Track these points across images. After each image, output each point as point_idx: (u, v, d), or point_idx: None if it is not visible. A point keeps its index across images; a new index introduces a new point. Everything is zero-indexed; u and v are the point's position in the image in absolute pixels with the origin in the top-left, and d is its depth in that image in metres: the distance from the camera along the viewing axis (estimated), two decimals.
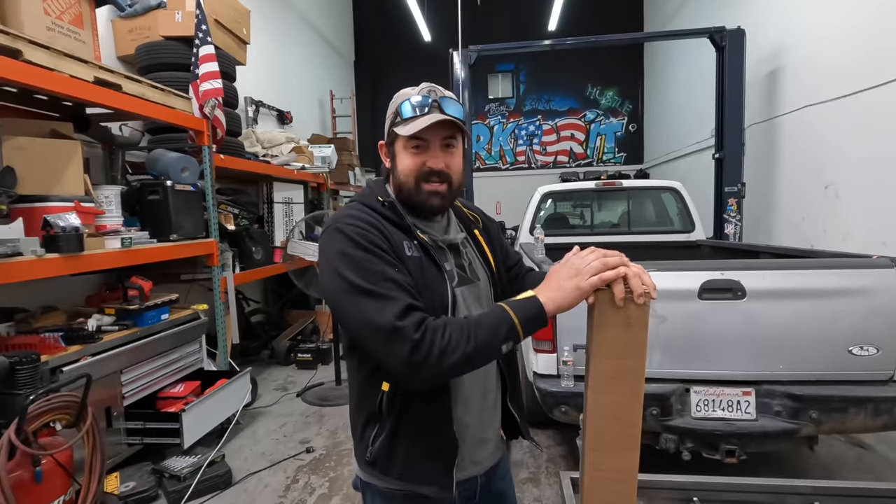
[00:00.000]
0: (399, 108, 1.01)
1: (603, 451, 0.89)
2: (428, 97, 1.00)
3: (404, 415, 1.01)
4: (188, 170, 3.25)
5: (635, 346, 0.84)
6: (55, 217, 2.20)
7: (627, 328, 0.83)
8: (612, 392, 0.86)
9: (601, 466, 0.90)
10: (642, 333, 0.84)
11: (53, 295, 2.86)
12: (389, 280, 0.90)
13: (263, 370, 4.68)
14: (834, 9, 4.15)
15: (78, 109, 2.92)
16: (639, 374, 0.85)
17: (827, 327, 2.10)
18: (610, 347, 0.85)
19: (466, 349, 0.84)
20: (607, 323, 0.84)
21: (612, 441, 0.88)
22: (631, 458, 0.89)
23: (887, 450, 2.82)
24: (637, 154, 10.20)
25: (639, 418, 0.87)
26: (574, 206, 6.14)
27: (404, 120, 1.00)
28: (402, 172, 1.03)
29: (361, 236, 0.94)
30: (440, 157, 1.01)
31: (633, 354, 0.84)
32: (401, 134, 0.99)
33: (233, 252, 3.91)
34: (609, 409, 0.87)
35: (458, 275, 1.06)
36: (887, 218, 3.57)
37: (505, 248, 1.24)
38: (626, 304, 0.83)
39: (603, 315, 0.85)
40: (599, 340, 0.85)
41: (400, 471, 1.02)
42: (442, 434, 1.01)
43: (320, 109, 8.37)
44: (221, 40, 3.97)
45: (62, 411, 1.97)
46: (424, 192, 1.02)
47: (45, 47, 2.20)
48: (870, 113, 3.73)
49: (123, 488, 2.43)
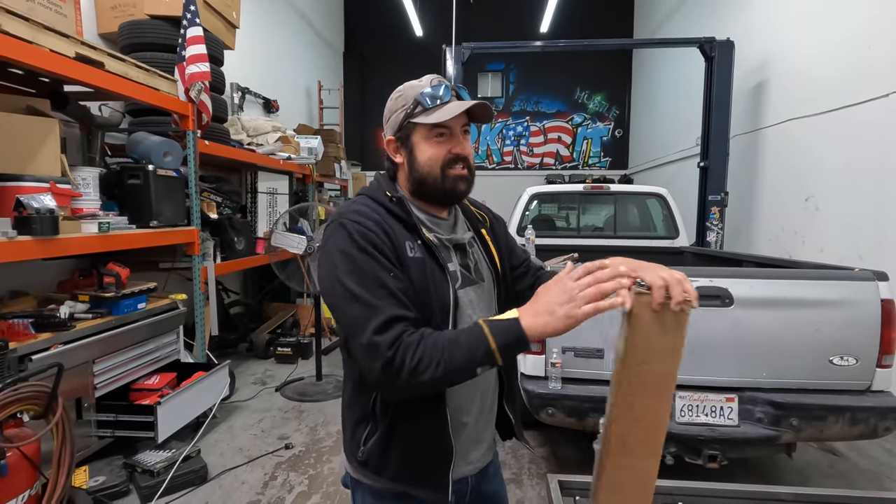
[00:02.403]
0: (419, 98, 0.99)
1: (623, 455, 0.87)
2: (445, 86, 1.00)
3: (399, 417, 0.98)
4: (171, 155, 3.14)
5: (670, 352, 0.83)
6: (28, 198, 2.10)
7: (664, 334, 0.82)
8: (640, 396, 0.85)
9: (619, 470, 0.88)
10: (678, 340, 0.82)
11: (23, 279, 2.73)
12: (381, 286, 0.89)
13: (241, 363, 4.58)
14: (821, 24, 4.25)
15: (56, 86, 2.79)
16: (670, 381, 0.84)
17: (809, 337, 2.14)
18: (643, 352, 0.83)
19: (436, 372, 0.83)
20: (643, 327, 0.83)
21: (635, 445, 0.87)
22: (652, 464, 0.87)
23: (857, 457, 2.90)
24: (622, 159, 10.32)
25: (665, 425, 0.86)
26: (560, 208, 6.18)
27: (427, 109, 0.98)
28: (427, 163, 1.01)
29: (363, 235, 0.93)
30: (462, 142, 1.02)
31: (666, 360, 0.83)
32: (428, 122, 0.98)
33: (214, 241, 3.81)
34: (636, 412, 0.85)
35: (462, 275, 1.05)
36: (864, 232, 3.67)
37: (511, 246, 1.22)
38: (663, 310, 0.81)
39: (639, 319, 0.83)
40: (633, 344, 0.84)
41: (393, 472, 1.00)
42: (438, 438, 0.99)
43: (307, 99, 8.24)
44: (210, 22, 3.86)
45: (30, 401, 1.87)
46: (451, 178, 1.01)
47: (25, 18, 2.09)
48: (852, 128, 3.82)
49: (93, 483, 2.33)
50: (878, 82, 3.55)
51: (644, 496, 0.89)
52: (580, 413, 2.21)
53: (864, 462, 2.86)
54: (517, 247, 1.25)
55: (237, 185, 4.89)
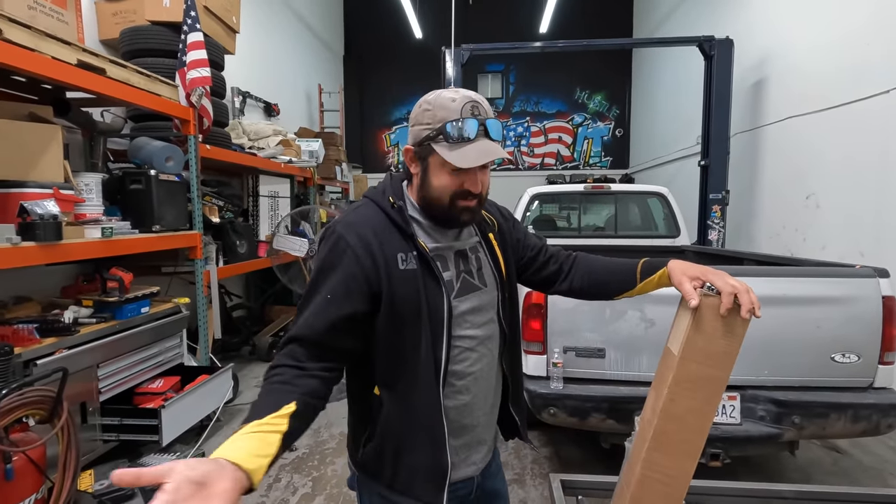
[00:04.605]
0: (446, 128, 0.93)
1: (662, 453, 0.88)
2: (475, 121, 0.93)
3: (395, 428, 0.99)
4: (173, 159, 3.16)
5: (726, 357, 0.85)
6: (32, 204, 2.11)
7: (724, 338, 0.85)
8: (689, 397, 0.86)
9: (656, 467, 0.89)
10: (735, 347, 0.85)
11: (27, 285, 2.75)
12: (312, 305, 0.92)
13: (244, 366, 4.60)
14: (819, 20, 4.25)
15: (58, 93, 2.81)
16: (720, 385, 0.86)
17: (811, 334, 2.14)
18: (700, 353, 0.85)
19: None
20: (706, 329, 0.85)
21: (676, 445, 0.88)
22: (689, 465, 0.88)
23: (861, 454, 2.90)
24: (623, 158, 10.32)
25: (707, 429, 0.87)
26: (561, 208, 6.18)
27: (451, 143, 0.93)
28: (437, 189, 0.98)
29: (337, 253, 0.95)
30: (478, 179, 0.98)
31: (721, 365, 0.85)
32: (448, 161, 0.93)
33: (216, 245, 3.82)
34: (681, 412, 0.87)
35: (462, 282, 1.04)
36: (866, 229, 3.67)
37: (523, 240, 1.21)
38: (729, 315, 0.84)
39: (703, 320, 0.86)
40: (691, 344, 0.86)
41: (389, 481, 1.01)
42: (433, 454, 0.99)
43: (308, 103, 8.26)
44: (210, 27, 3.88)
45: (36, 406, 1.89)
46: (458, 208, 0.99)
47: (26, 26, 2.11)
48: (853, 125, 3.82)
49: (98, 486, 2.34)
50: (878, 78, 3.55)
51: (675, 494, 0.89)
52: (582, 413, 2.21)
53: (867, 459, 2.85)
54: (530, 238, 1.24)
55: (239, 189, 4.91)
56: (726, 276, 0.90)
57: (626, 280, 1.13)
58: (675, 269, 1.02)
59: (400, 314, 0.96)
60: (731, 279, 0.89)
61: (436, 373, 0.97)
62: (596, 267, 1.19)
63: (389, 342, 0.98)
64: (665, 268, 1.06)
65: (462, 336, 1.02)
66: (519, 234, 1.22)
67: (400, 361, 0.98)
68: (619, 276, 1.15)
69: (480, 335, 1.05)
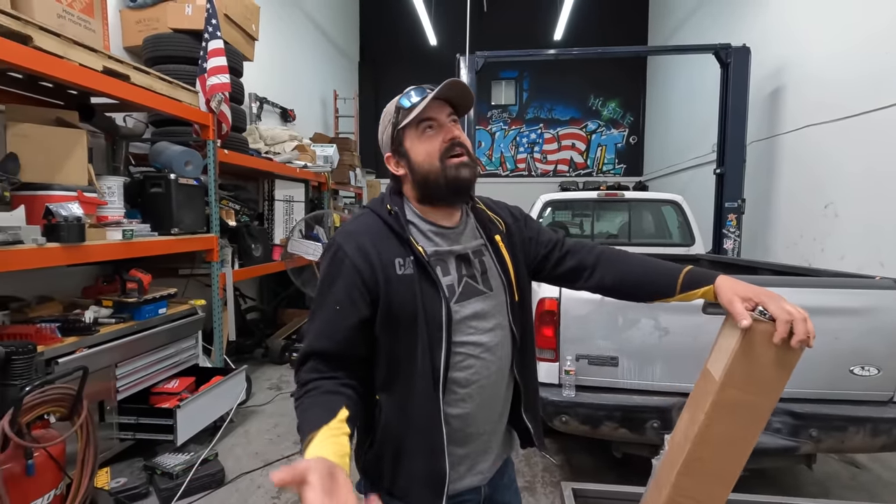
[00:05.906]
0: (398, 105, 1.02)
1: (694, 478, 0.84)
2: (419, 88, 1.01)
3: (394, 431, 0.99)
4: (192, 164, 3.23)
5: (772, 386, 0.80)
6: (57, 206, 2.18)
7: (772, 367, 0.80)
8: (727, 423, 0.82)
9: (686, 492, 0.85)
10: (784, 377, 0.80)
11: (49, 285, 2.82)
12: (323, 315, 0.96)
13: (257, 368, 4.64)
14: (838, 28, 4.20)
15: (83, 98, 2.90)
16: (763, 414, 0.81)
17: (829, 346, 2.11)
18: (743, 379, 0.80)
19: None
20: (754, 355, 0.80)
21: (710, 472, 0.83)
22: (721, 494, 0.84)
23: (881, 469, 2.83)
24: (637, 166, 10.25)
25: (745, 458, 0.82)
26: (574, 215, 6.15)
27: (407, 110, 0.99)
28: (425, 160, 1.00)
29: (336, 264, 0.97)
30: (451, 129, 1.01)
31: (765, 393, 0.81)
32: (412, 118, 0.99)
33: (232, 248, 3.88)
34: (718, 438, 0.82)
35: (464, 286, 1.02)
36: (886, 238, 3.60)
37: (535, 240, 1.17)
38: (781, 345, 0.79)
39: (752, 346, 0.80)
40: (735, 369, 0.80)
41: (388, 486, 1.01)
42: (432, 459, 0.98)
43: (323, 109, 8.36)
44: (230, 35, 3.96)
45: (57, 404, 1.94)
46: (452, 167, 0.99)
47: (56, 34, 2.18)
48: (872, 134, 3.76)
49: (114, 484, 2.39)
50: None
51: None
52: (594, 421, 2.20)
53: (886, 475, 2.78)
54: (544, 234, 1.19)
55: (255, 193, 4.99)
56: (783, 300, 0.83)
57: (664, 286, 1.05)
58: (725, 286, 0.94)
59: (397, 319, 0.96)
60: (787, 305, 0.81)
61: (434, 379, 0.96)
62: (633, 266, 1.10)
63: (387, 347, 0.98)
64: (712, 285, 0.98)
65: (465, 342, 0.99)
66: (531, 231, 1.17)
67: (398, 367, 0.97)
68: (657, 281, 1.06)
69: (487, 341, 1.01)
